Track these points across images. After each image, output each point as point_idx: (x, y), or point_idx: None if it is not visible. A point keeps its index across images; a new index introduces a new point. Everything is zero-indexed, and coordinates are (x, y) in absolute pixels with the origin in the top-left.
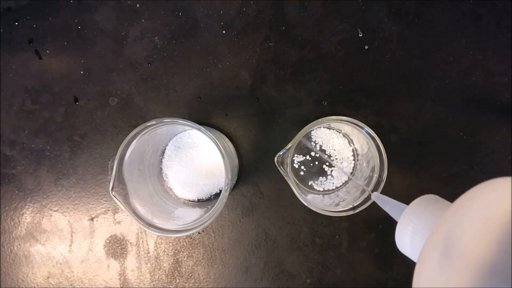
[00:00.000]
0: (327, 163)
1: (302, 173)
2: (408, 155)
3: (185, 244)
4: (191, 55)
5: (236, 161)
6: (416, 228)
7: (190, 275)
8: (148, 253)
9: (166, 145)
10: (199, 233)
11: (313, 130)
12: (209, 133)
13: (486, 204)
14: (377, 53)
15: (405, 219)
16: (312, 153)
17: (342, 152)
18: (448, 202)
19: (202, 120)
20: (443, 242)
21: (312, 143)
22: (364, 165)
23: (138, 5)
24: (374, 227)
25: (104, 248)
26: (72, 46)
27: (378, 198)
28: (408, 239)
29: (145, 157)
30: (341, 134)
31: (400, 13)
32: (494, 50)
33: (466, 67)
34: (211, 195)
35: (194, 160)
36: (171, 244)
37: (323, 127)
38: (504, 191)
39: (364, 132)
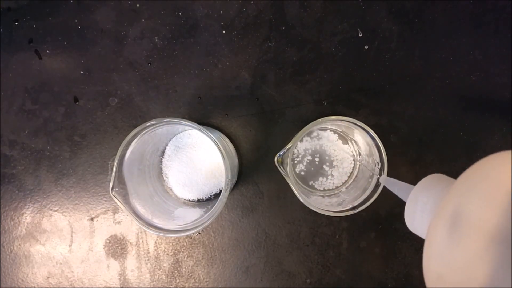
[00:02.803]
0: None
1: (302, 173)
2: (408, 155)
3: (185, 244)
4: (191, 55)
5: (236, 161)
6: (425, 205)
7: (190, 275)
8: (148, 253)
9: (166, 145)
10: (199, 233)
11: (313, 130)
12: (209, 133)
13: (490, 176)
14: (377, 53)
15: (413, 198)
16: (317, 156)
17: (342, 152)
18: (454, 180)
19: (202, 120)
20: (450, 215)
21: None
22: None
23: (138, 5)
24: (374, 227)
25: (104, 248)
26: (72, 46)
27: (386, 181)
28: (417, 217)
29: (145, 157)
30: (341, 135)
31: (400, 13)
32: (494, 50)
33: (466, 67)
34: (211, 195)
35: (194, 160)
36: (171, 244)
37: (323, 127)
38: (506, 163)
39: (364, 132)
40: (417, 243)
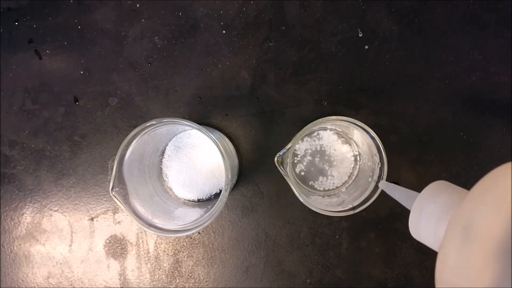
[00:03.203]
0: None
1: (302, 173)
2: (408, 155)
3: (185, 244)
4: (191, 55)
5: (236, 161)
6: (432, 213)
7: (190, 275)
8: (148, 253)
9: (166, 145)
10: (199, 233)
11: (313, 130)
12: (209, 133)
13: (501, 189)
14: (377, 53)
15: (420, 206)
16: (317, 156)
17: (342, 153)
18: (459, 187)
19: (202, 120)
20: (463, 228)
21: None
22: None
23: (138, 5)
24: (374, 227)
25: (104, 248)
26: (72, 46)
27: (387, 186)
28: (423, 226)
29: (145, 157)
30: (341, 135)
31: (400, 13)
32: (494, 50)
33: (466, 67)
34: (211, 195)
35: (194, 160)
36: (171, 244)
37: (323, 127)
38: None
39: (364, 132)
40: (417, 243)
